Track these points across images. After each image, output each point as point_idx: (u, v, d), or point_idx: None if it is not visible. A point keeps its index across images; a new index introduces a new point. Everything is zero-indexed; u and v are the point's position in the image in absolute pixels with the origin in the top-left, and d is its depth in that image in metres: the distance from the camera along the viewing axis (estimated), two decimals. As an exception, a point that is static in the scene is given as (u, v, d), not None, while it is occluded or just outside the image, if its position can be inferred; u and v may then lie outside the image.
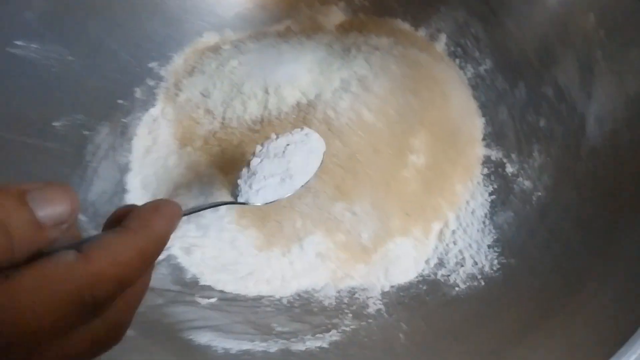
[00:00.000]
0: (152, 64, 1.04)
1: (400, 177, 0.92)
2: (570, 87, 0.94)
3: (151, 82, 1.03)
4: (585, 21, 0.93)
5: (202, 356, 0.77)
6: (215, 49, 1.05)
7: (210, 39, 1.08)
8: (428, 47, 1.07)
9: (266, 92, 0.94)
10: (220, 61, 1.01)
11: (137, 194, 0.94)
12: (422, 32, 1.10)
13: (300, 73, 0.94)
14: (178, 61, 1.06)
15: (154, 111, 1.01)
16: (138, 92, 1.01)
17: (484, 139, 1.01)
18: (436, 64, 1.03)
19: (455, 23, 1.08)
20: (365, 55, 0.95)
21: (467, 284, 0.88)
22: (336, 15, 1.12)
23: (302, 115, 0.91)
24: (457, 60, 1.07)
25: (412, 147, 0.94)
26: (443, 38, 1.09)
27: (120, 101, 0.99)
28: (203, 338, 0.79)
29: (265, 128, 0.92)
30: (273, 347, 0.81)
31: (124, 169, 0.95)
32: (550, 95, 0.96)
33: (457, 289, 0.88)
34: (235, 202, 0.74)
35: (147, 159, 0.96)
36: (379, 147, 0.90)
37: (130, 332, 0.58)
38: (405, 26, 1.11)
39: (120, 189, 0.93)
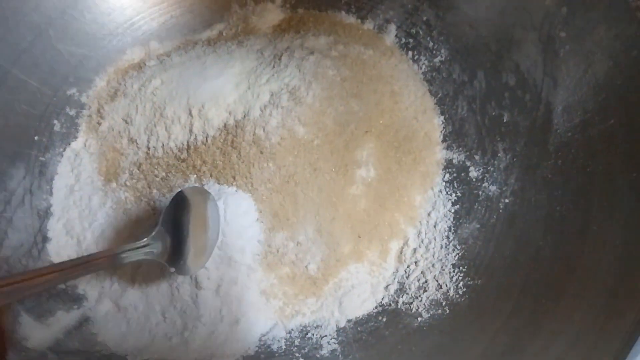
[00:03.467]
0: (71, 91, 0.93)
1: (347, 195, 0.82)
2: (533, 74, 0.82)
3: (72, 112, 0.93)
4: (545, -3, 0.81)
5: None
6: (140, 67, 0.95)
7: (134, 55, 0.98)
8: (376, 41, 0.95)
9: (190, 114, 0.83)
10: (142, 81, 0.90)
11: (60, 242, 0.84)
12: (369, 25, 0.98)
13: (225, 89, 0.83)
14: (100, 84, 0.96)
15: (76, 145, 0.91)
16: (57, 125, 0.91)
17: (443, 141, 0.90)
18: (384, 60, 0.92)
19: (404, 10, 0.96)
20: (297, 62, 0.84)
21: (431, 312, 0.78)
22: (272, 14, 1.00)
23: (230, 139, 0.80)
24: (410, 53, 0.96)
25: (359, 160, 0.83)
26: (392, 29, 0.97)
27: (36, 137, 0.89)
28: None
29: (191, 156, 0.82)
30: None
31: (44, 215, 0.85)
32: (512, 85, 0.85)
33: (419, 319, 0.78)
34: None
35: (69, 199, 0.87)
36: (318, 165, 0.80)
37: None
38: (350, 19, 0.99)
39: (40, 238, 0.84)
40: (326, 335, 0.79)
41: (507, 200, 0.82)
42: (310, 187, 0.80)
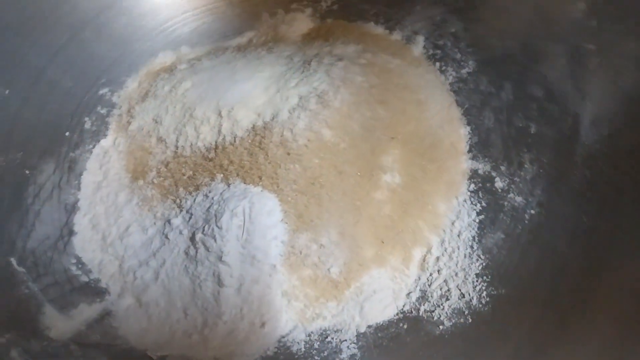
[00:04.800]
0: (103, 91, 0.95)
1: (371, 200, 0.82)
2: (561, 86, 0.83)
3: (102, 111, 0.95)
4: (574, 10, 0.82)
5: None
6: (171, 70, 0.97)
7: (166, 59, 1.00)
8: (403, 51, 0.96)
9: (219, 115, 0.84)
10: (173, 83, 0.92)
11: (85, 236, 0.85)
12: (397, 36, 0.99)
13: (255, 92, 0.84)
14: (132, 85, 0.98)
15: (105, 142, 0.93)
16: (88, 123, 0.93)
17: (469, 151, 0.90)
18: (411, 70, 0.93)
19: (432, 22, 0.97)
20: (326, 68, 0.85)
21: (453, 320, 0.77)
22: (302, 23, 1.02)
23: (258, 140, 0.81)
24: (437, 64, 0.96)
25: (384, 165, 0.83)
26: (420, 40, 0.98)
27: (67, 134, 0.90)
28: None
29: (219, 156, 0.83)
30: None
31: (71, 209, 0.87)
32: (539, 96, 0.85)
33: (441, 327, 0.77)
34: None
35: (96, 195, 0.88)
36: (343, 168, 0.80)
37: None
38: (379, 30, 1.00)
39: (67, 232, 0.85)
40: (346, 340, 0.78)
41: (532, 211, 0.81)
42: (335, 189, 0.80)
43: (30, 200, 0.83)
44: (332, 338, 0.79)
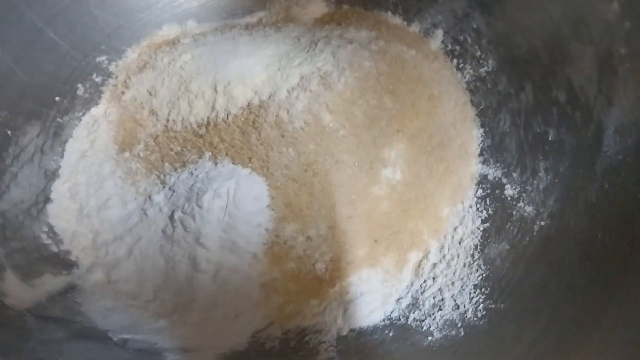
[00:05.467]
0: (101, 58, 0.91)
1: (368, 194, 0.76)
2: (586, 91, 0.75)
3: (98, 79, 0.91)
4: (607, 11, 0.75)
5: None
6: (173, 43, 0.92)
7: (170, 32, 0.95)
8: (420, 44, 0.90)
9: (215, 90, 0.79)
10: (173, 56, 0.87)
11: (62, 204, 0.80)
12: (415, 28, 0.93)
13: (255, 69, 0.79)
14: (131, 56, 0.93)
15: (96, 111, 0.88)
16: (81, 89, 0.88)
17: (480, 154, 0.84)
18: (427, 63, 0.86)
19: (454, 16, 0.91)
20: (333, 49, 0.80)
21: (444, 332, 0.70)
22: (316, 7, 0.97)
23: (252, 119, 0.76)
24: (455, 61, 0.90)
25: (386, 159, 0.77)
26: (439, 34, 0.92)
27: (57, 98, 0.86)
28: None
29: (210, 132, 0.78)
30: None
31: (51, 176, 0.82)
32: (562, 101, 0.78)
33: (430, 338, 0.71)
34: None
35: (79, 164, 0.83)
36: (341, 157, 0.74)
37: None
38: (396, 20, 0.94)
39: (42, 198, 0.80)
40: (325, 342, 0.72)
41: (543, 223, 0.74)
42: (329, 179, 0.74)
43: (8, 162, 0.79)
44: (310, 338, 0.72)
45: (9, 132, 0.80)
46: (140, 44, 0.94)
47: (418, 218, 0.78)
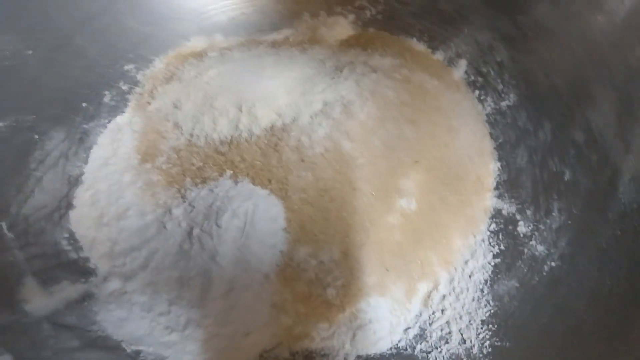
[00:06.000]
0: (129, 66, 0.93)
1: (382, 223, 0.77)
2: (605, 135, 0.76)
3: (124, 87, 0.92)
4: (631, 55, 0.76)
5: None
6: (200, 56, 0.93)
7: (197, 44, 0.97)
8: (443, 73, 0.91)
9: (239, 109, 0.81)
10: (200, 69, 0.89)
11: (83, 211, 0.82)
12: (439, 56, 0.94)
13: (279, 91, 0.80)
14: (159, 66, 0.95)
15: (121, 119, 0.90)
16: (107, 97, 0.90)
17: (496, 188, 0.84)
18: (449, 94, 0.87)
19: (479, 47, 0.92)
20: (357, 77, 0.81)
21: (449, 366, 0.72)
22: (343, 29, 0.97)
23: (274, 141, 0.77)
24: (477, 92, 0.91)
25: (402, 188, 0.78)
26: (463, 64, 0.92)
27: (84, 104, 0.88)
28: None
29: (232, 151, 0.79)
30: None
31: (73, 182, 0.83)
32: (580, 142, 0.79)
33: (435, 370, 0.72)
34: None
35: (102, 171, 0.85)
36: (358, 185, 0.75)
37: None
38: (421, 47, 0.95)
39: (65, 204, 0.82)
40: (331, 366, 0.73)
41: (553, 264, 0.75)
42: (345, 206, 0.75)
43: (33, 166, 0.81)
44: (317, 362, 0.74)
45: (36, 137, 0.82)
46: (167, 54, 0.95)
47: (430, 248, 0.79)
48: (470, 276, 0.78)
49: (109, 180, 0.84)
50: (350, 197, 0.75)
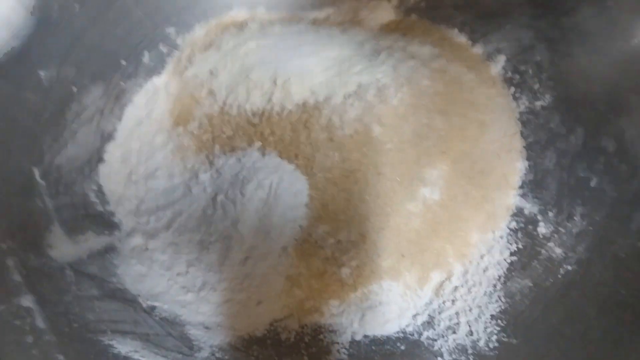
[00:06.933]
0: (170, 30, 0.94)
1: (403, 209, 0.78)
2: (637, 146, 0.76)
3: (164, 49, 0.93)
4: (673, 69, 0.75)
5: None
6: (241, 26, 0.94)
7: (239, 14, 0.97)
8: (481, 67, 0.91)
9: (274, 83, 0.82)
10: (239, 40, 0.90)
11: (113, 167, 0.84)
12: (478, 49, 0.93)
13: (315, 69, 0.81)
14: (199, 32, 0.96)
15: (158, 81, 0.92)
16: (146, 57, 0.92)
17: (520, 187, 0.84)
18: (484, 89, 0.87)
19: (519, 44, 0.90)
20: (394, 63, 0.81)
21: (453, 356, 0.73)
22: (385, 13, 0.97)
23: (305, 118, 0.78)
24: (512, 89, 0.90)
25: (427, 178, 0.79)
26: (501, 60, 0.92)
27: (123, 62, 0.89)
28: (125, 347, 0.68)
29: (263, 123, 0.81)
30: (203, 375, 0.69)
31: (107, 137, 0.86)
32: (610, 150, 0.78)
33: (439, 359, 0.73)
34: None
35: (135, 130, 0.87)
36: (383, 170, 0.76)
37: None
38: (461, 39, 0.94)
39: (96, 158, 0.84)
40: (338, 343, 0.75)
41: (569, 267, 0.75)
42: (368, 189, 0.76)
43: (70, 118, 0.82)
44: (325, 337, 0.76)
45: (75, 90, 0.84)
46: (209, 21, 0.96)
47: (447, 240, 0.80)
48: (484, 271, 0.79)
49: (141, 140, 0.86)
50: (374, 181, 0.76)
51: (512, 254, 0.80)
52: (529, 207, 0.83)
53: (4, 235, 0.68)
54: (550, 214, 0.81)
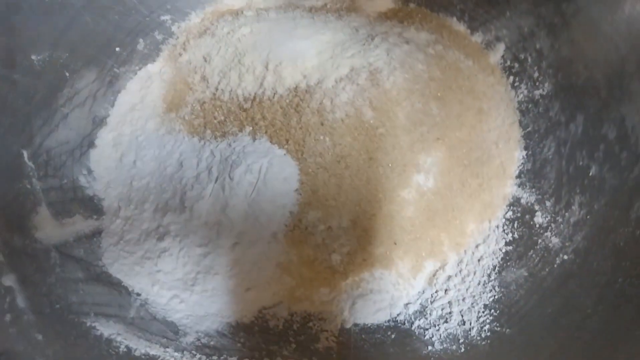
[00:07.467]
0: (165, 17, 0.93)
1: (396, 197, 0.76)
2: (638, 133, 0.73)
3: (159, 36, 0.93)
4: (676, 54, 0.73)
5: (95, 351, 0.65)
6: (237, 14, 0.93)
7: (235, 2, 0.96)
8: (479, 55, 0.89)
9: (266, 67, 0.80)
10: (233, 27, 0.89)
11: (104, 152, 0.84)
12: (477, 38, 0.92)
13: (308, 53, 0.80)
14: (194, 20, 0.95)
15: (152, 68, 0.91)
16: (141, 44, 0.91)
17: (518, 176, 0.82)
18: (482, 76, 0.85)
19: (519, 32, 0.89)
20: (388, 46, 0.79)
21: (445, 345, 0.71)
22: (382, 1, 0.96)
23: (296, 102, 0.77)
24: (511, 78, 0.88)
25: (420, 164, 0.77)
26: (501, 48, 0.90)
27: (117, 49, 0.89)
28: (108, 329, 0.67)
29: (254, 108, 0.79)
30: (187, 360, 0.68)
31: (98, 122, 0.85)
32: (611, 138, 0.76)
33: (430, 347, 0.71)
34: None
35: (127, 116, 0.86)
36: (375, 155, 0.74)
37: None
38: (460, 27, 0.93)
39: (87, 142, 0.83)
40: (327, 331, 0.73)
41: (566, 257, 0.73)
42: (360, 174, 0.75)
43: (62, 102, 0.82)
44: (314, 325, 0.74)
45: (67, 74, 0.83)
46: (204, 9, 0.96)
47: (441, 229, 0.78)
48: (479, 260, 0.77)
49: (133, 125, 0.86)
50: (366, 167, 0.75)
51: (507, 244, 0.78)
52: (526, 197, 0.81)
53: (-12, 216, 0.67)
54: (548, 203, 0.79)
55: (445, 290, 0.75)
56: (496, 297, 0.73)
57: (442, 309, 0.74)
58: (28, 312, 0.62)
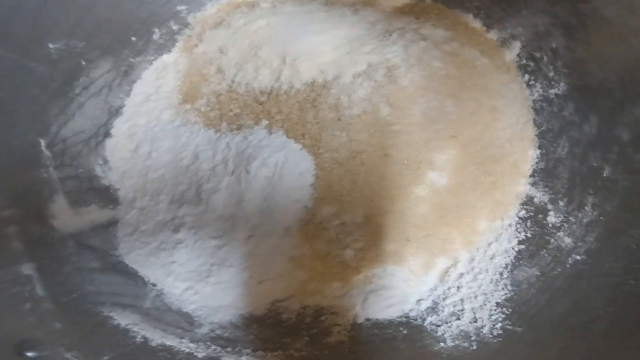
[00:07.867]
0: (181, 7, 0.93)
1: (410, 193, 0.76)
2: (653, 136, 0.74)
3: (175, 26, 0.93)
4: (693, 57, 0.73)
5: (113, 340, 0.66)
6: (253, 5, 0.93)
7: (251, -7, 0.96)
8: (495, 53, 0.89)
9: (283, 61, 0.81)
10: (249, 19, 0.89)
11: (119, 142, 0.84)
12: (493, 35, 0.92)
13: (325, 48, 0.80)
14: (210, 10, 0.95)
15: (167, 58, 0.91)
16: (157, 34, 0.91)
17: (531, 175, 0.83)
18: (497, 74, 0.85)
19: (535, 31, 0.88)
20: (406, 43, 0.79)
21: (456, 342, 0.71)
22: (400, -5, 0.95)
23: (313, 97, 0.77)
24: (526, 76, 0.88)
25: (435, 162, 0.77)
26: (516, 47, 0.90)
27: (133, 38, 0.89)
28: (124, 319, 0.68)
29: (270, 101, 0.80)
30: (202, 351, 0.69)
31: (114, 112, 0.85)
32: (625, 140, 0.76)
33: (442, 344, 0.72)
34: None
35: (143, 106, 0.87)
36: (390, 152, 0.75)
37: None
38: (476, 24, 0.93)
39: (103, 132, 0.84)
40: (339, 325, 0.74)
41: (578, 257, 0.73)
42: (374, 171, 0.75)
43: (78, 91, 0.82)
44: (326, 319, 0.75)
45: (84, 63, 0.84)
46: (220, 0, 0.95)
47: (454, 226, 0.79)
48: (491, 258, 0.77)
49: (148, 116, 0.86)
50: (381, 163, 0.75)
51: (520, 243, 0.78)
52: (540, 196, 0.81)
53: (6, 204, 0.67)
54: (561, 203, 0.79)
55: (458, 288, 0.76)
56: (508, 295, 0.74)
57: (454, 306, 0.75)
58: (47, 301, 0.63)
